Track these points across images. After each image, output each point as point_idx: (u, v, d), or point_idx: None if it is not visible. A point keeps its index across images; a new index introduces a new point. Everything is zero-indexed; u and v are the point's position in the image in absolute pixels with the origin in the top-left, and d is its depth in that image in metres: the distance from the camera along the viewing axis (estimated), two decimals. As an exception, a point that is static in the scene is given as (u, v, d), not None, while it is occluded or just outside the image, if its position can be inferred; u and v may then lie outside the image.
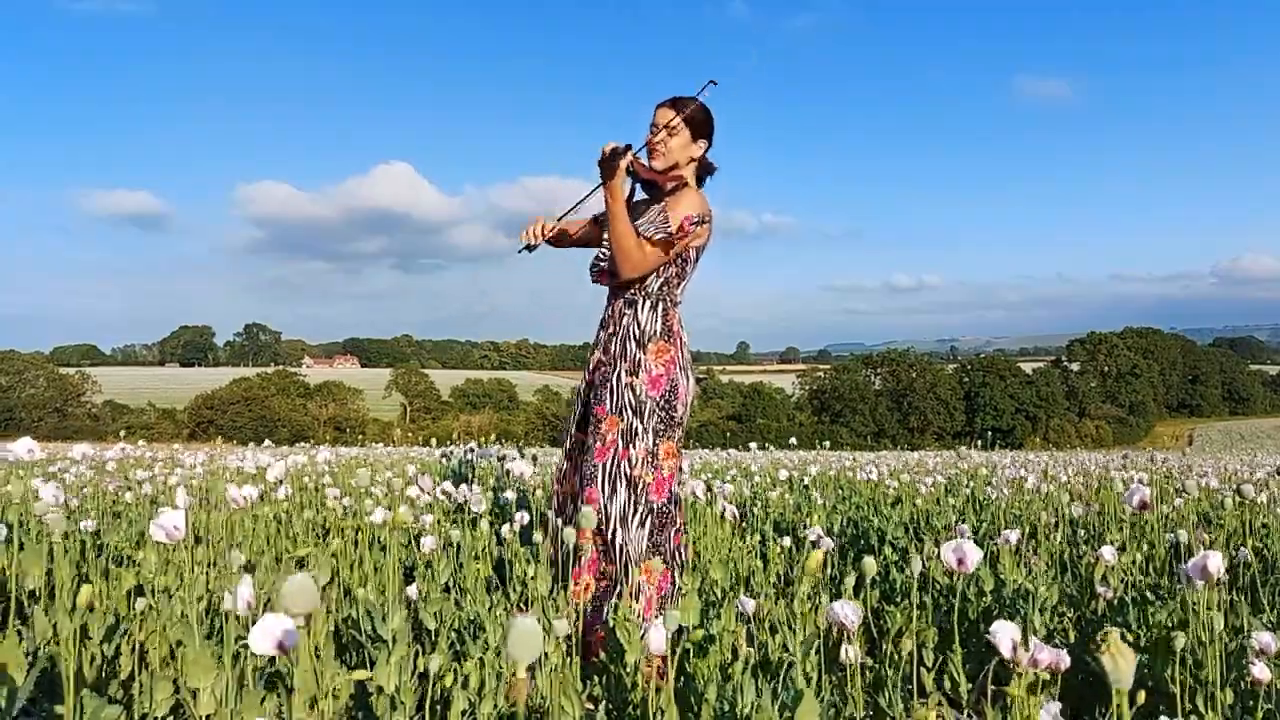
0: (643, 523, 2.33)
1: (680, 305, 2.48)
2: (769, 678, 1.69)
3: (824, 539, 2.54)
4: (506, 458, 4.09)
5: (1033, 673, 1.33)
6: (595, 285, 2.55)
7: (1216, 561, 1.58)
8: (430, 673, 1.52)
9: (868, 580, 1.76)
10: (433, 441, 8.29)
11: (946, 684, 1.97)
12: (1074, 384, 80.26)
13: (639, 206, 2.48)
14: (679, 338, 2.44)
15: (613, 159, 2.25)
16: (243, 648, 1.48)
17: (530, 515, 2.66)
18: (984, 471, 5.88)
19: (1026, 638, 1.33)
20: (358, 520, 2.90)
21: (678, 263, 2.42)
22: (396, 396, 78.84)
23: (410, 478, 3.81)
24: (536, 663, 1.64)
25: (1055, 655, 1.37)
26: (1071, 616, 2.37)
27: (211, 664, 1.39)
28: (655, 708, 1.48)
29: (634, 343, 2.39)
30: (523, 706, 1.63)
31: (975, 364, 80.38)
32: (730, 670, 1.69)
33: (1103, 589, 2.27)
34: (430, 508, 3.12)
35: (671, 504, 2.38)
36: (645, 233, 2.32)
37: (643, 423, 2.35)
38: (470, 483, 3.97)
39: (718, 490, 3.20)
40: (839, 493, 4.91)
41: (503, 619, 2.06)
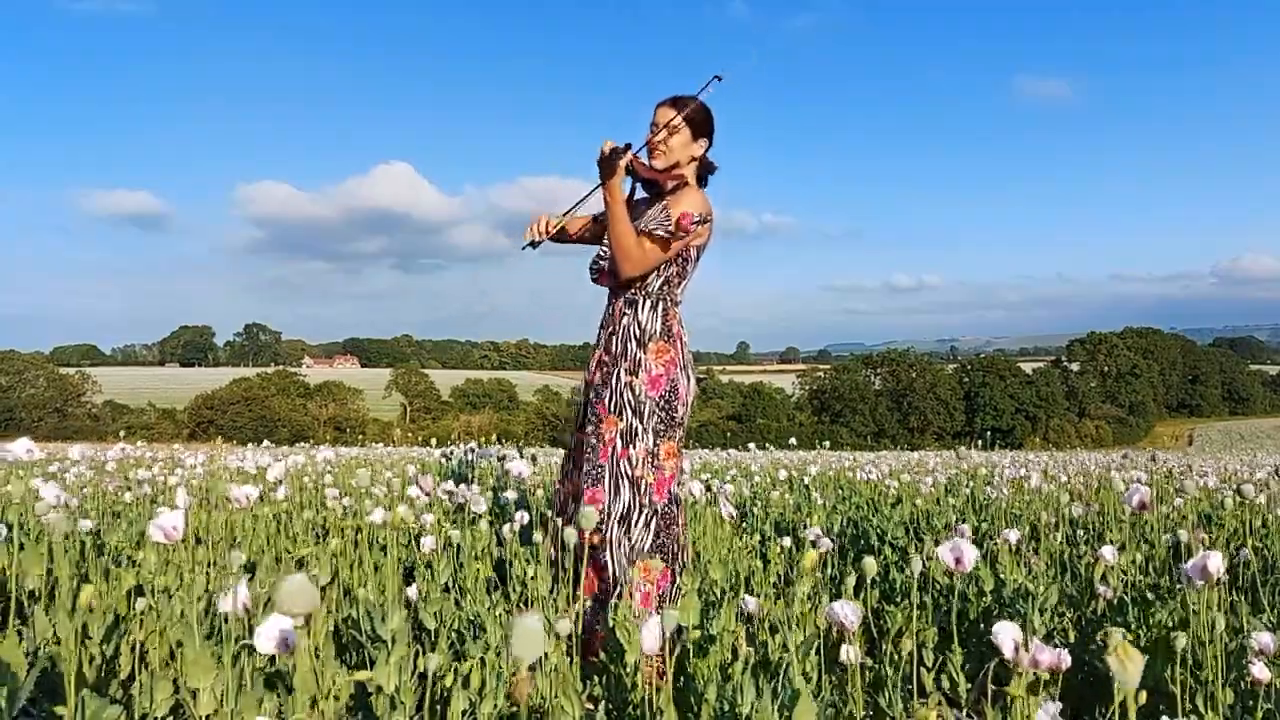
0: (647, 523, 2.33)
1: (681, 305, 2.48)
2: (769, 678, 1.69)
3: (823, 539, 2.54)
4: (506, 458, 4.09)
5: (1033, 673, 1.33)
6: (595, 285, 2.55)
7: (1217, 561, 1.58)
8: (430, 672, 1.51)
9: (868, 580, 1.76)
10: (432, 441, 8.29)
11: (945, 684, 1.97)
12: (1074, 384, 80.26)
13: (639, 205, 2.48)
14: (679, 338, 2.44)
15: (612, 158, 2.24)
16: (243, 648, 1.48)
17: (530, 515, 2.66)
18: (984, 471, 5.88)
19: (1027, 638, 1.33)
20: (358, 520, 2.90)
21: (678, 262, 2.42)
22: (396, 396, 78.84)
23: (410, 478, 3.81)
24: (537, 662, 1.64)
25: (1056, 656, 1.37)
26: (1071, 616, 2.37)
27: (211, 664, 1.39)
28: (655, 708, 1.48)
29: (634, 342, 2.39)
30: (525, 704, 1.63)
31: (975, 364, 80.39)
32: (730, 670, 1.69)
33: (1103, 589, 2.27)
34: (430, 507, 3.12)
35: (672, 504, 2.38)
36: (645, 228, 2.32)
37: (642, 423, 2.35)
38: (470, 483, 3.96)
39: (717, 490, 3.20)
40: (839, 493, 4.91)
41: (503, 619, 2.06)
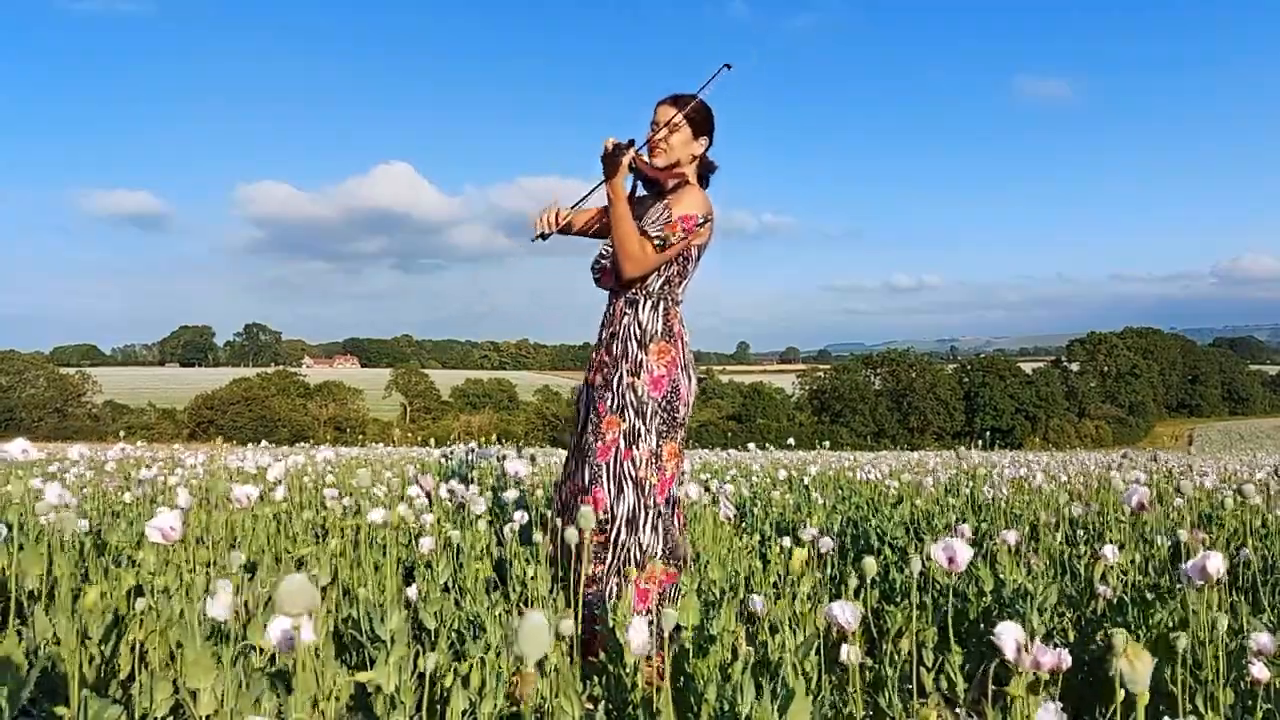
0: (655, 526, 2.33)
1: (682, 305, 2.48)
2: (768, 677, 1.68)
3: (823, 539, 2.54)
4: (506, 458, 4.09)
5: (1033, 673, 1.33)
6: (595, 285, 2.54)
7: (1217, 562, 1.58)
8: (429, 672, 1.51)
9: (867, 580, 1.76)
10: (431, 441, 8.29)
11: (943, 684, 1.97)
12: (1074, 384, 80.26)
13: (641, 203, 2.47)
14: (680, 338, 2.44)
15: (615, 155, 2.23)
16: (244, 649, 1.48)
17: (530, 515, 2.65)
18: (982, 471, 5.88)
19: (1030, 638, 1.33)
20: (357, 520, 2.90)
21: (679, 261, 2.42)
22: (396, 396, 78.85)
23: (411, 478, 3.81)
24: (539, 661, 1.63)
25: (1056, 656, 1.37)
26: (1071, 617, 2.37)
27: (211, 664, 1.39)
28: (655, 708, 1.48)
29: (635, 343, 2.38)
30: (532, 701, 1.63)
31: (975, 364, 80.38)
32: (730, 670, 1.69)
33: (1103, 589, 2.27)
34: (430, 507, 3.12)
35: (669, 505, 2.38)
36: (648, 232, 2.31)
37: (645, 423, 2.34)
38: (470, 483, 3.96)
39: (717, 490, 3.20)
40: (839, 493, 4.91)
41: (503, 619, 2.06)
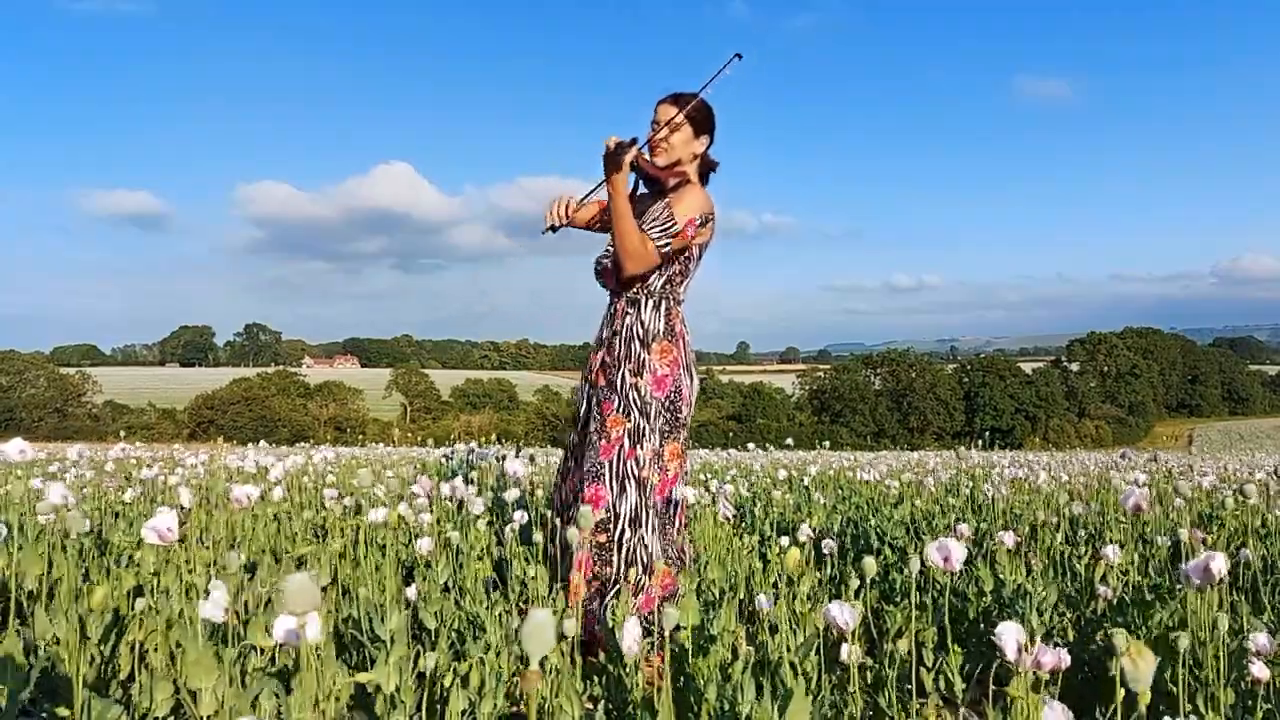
0: (658, 526, 2.33)
1: (683, 304, 2.48)
2: (768, 677, 1.68)
3: (827, 540, 2.54)
4: (505, 458, 4.09)
5: (1033, 674, 1.33)
6: (596, 284, 2.53)
7: (1220, 563, 1.57)
8: (429, 672, 1.51)
9: (867, 580, 1.76)
10: (429, 441, 8.29)
11: (942, 684, 1.97)
12: (1074, 384, 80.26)
13: (642, 201, 2.47)
14: (682, 338, 2.43)
15: (617, 153, 2.21)
16: (244, 649, 1.48)
17: (530, 515, 2.65)
18: (980, 471, 5.88)
19: (1031, 639, 1.33)
20: (357, 520, 2.90)
21: (681, 260, 2.42)
22: (396, 396, 78.85)
23: (410, 478, 3.81)
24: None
25: (1057, 656, 1.37)
26: (1071, 617, 2.37)
27: (213, 664, 1.39)
28: (655, 707, 1.48)
29: (638, 343, 2.38)
30: (535, 700, 1.63)
31: (975, 364, 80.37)
32: (730, 670, 1.69)
33: (1103, 589, 2.27)
34: (430, 507, 3.12)
35: (669, 505, 2.38)
36: (650, 235, 2.31)
37: (649, 423, 2.34)
38: (470, 483, 3.96)
39: (716, 491, 3.20)
40: (839, 493, 4.90)
41: (503, 619, 2.06)
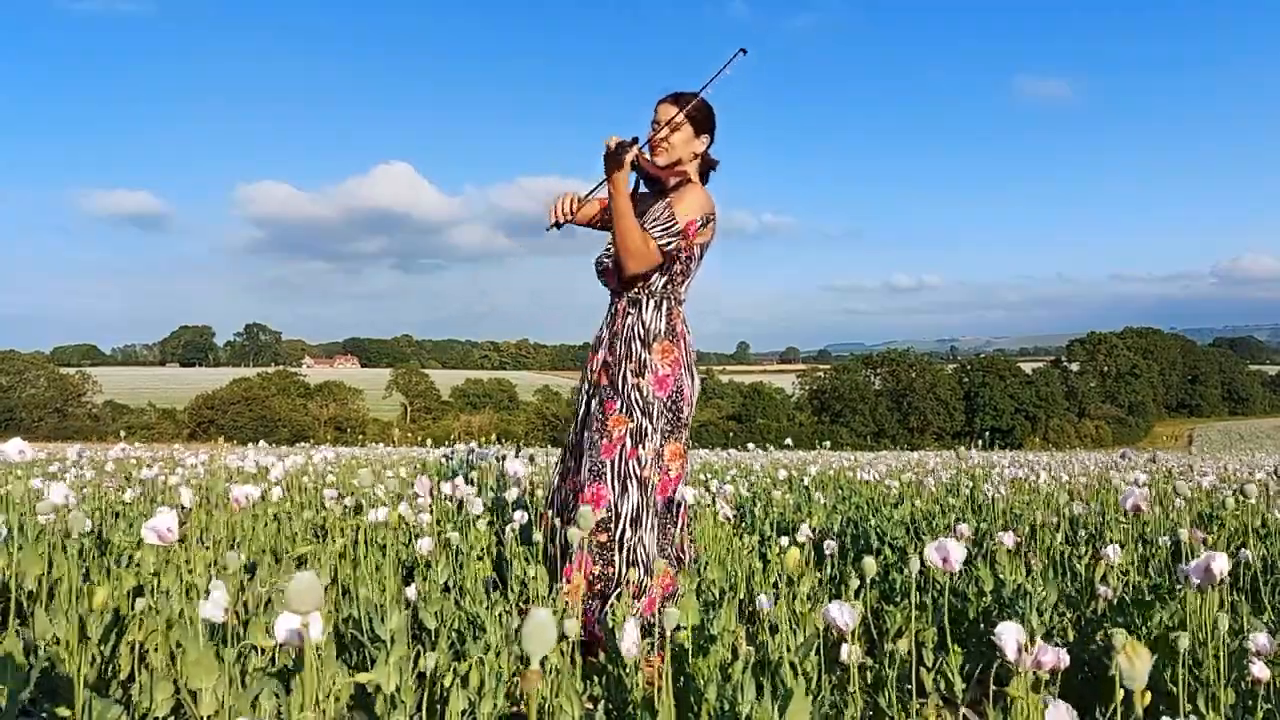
0: (660, 526, 2.33)
1: (684, 304, 2.48)
2: (769, 677, 1.68)
3: (827, 540, 2.54)
4: (505, 458, 4.09)
5: (1033, 674, 1.33)
6: (596, 284, 2.53)
7: (1221, 563, 1.57)
8: (429, 672, 1.51)
9: (867, 580, 1.76)
10: (429, 441, 8.29)
11: (942, 684, 1.97)
12: (1074, 384, 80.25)
13: (643, 200, 2.47)
14: (683, 338, 2.43)
15: (618, 152, 2.21)
16: (244, 649, 1.48)
17: (530, 515, 2.65)
18: (980, 472, 5.88)
19: (1031, 639, 1.33)
20: (358, 520, 2.90)
21: (683, 260, 2.41)
22: (397, 396, 78.84)
23: (410, 478, 3.81)
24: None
25: (1057, 656, 1.37)
26: (1071, 617, 2.37)
27: (213, 664, 1.39)
28: (655, 707, 1.48)
29: (639, 343, 2.38)
30: (535, 699, 1.63)
31: (975, 364, 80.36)
32: (730, 670, 1.69)
33: (1103, 589, 2.27)
34: (430, 507, 3.12)
35: (672, 505, 2.38)
36: (652, 234, 2.30)
37: (651, 423, 2.34)
38: (470, 483, 3.96)
39: (716, 491, 3.20)
40: (839, 493, 4.91)
41: (503, 619, 2.06)
